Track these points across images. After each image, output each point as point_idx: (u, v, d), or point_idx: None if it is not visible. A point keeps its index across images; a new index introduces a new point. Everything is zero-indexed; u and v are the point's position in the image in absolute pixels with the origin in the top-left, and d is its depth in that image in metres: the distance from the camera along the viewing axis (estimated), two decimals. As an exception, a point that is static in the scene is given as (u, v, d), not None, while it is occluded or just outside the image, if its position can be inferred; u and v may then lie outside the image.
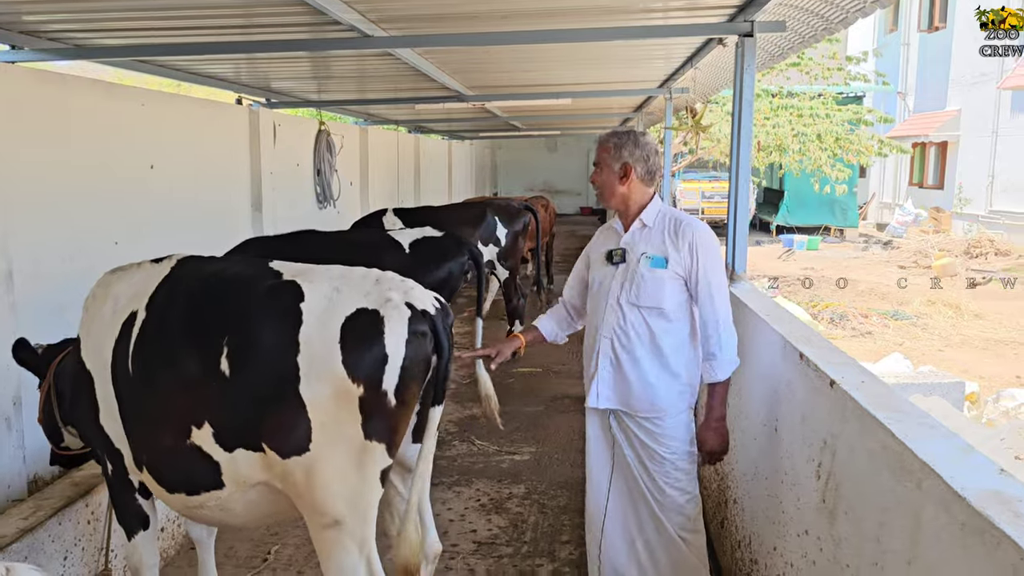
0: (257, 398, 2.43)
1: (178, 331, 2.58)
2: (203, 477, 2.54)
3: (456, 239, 5.48)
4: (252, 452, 2.46)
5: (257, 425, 2.43)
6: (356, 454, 2.40)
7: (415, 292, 2.57)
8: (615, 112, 12.00)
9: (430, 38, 4.58)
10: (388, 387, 2.40)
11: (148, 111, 5.51)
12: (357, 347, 2.40)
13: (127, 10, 4.11)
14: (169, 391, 2.56)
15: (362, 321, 2.43)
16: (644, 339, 3.08)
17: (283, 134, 7.58)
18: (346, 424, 2.38)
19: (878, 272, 15.85)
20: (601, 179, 3.18)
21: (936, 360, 8.72)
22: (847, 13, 3.77)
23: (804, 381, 2.73)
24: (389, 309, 2.46)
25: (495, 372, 7.25)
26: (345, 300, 2.48)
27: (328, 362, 2.38)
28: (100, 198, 5.00)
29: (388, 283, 2.57)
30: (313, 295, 2.49)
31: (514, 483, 4.95)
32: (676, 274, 3.03)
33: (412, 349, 2.44)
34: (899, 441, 1.95)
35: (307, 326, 2.42)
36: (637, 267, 3.09)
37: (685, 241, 3.01)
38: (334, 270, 2.65)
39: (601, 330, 3.18)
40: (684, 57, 6.21)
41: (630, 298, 3.09)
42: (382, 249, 5.14)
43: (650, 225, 3.11)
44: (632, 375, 3.11)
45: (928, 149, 23.22)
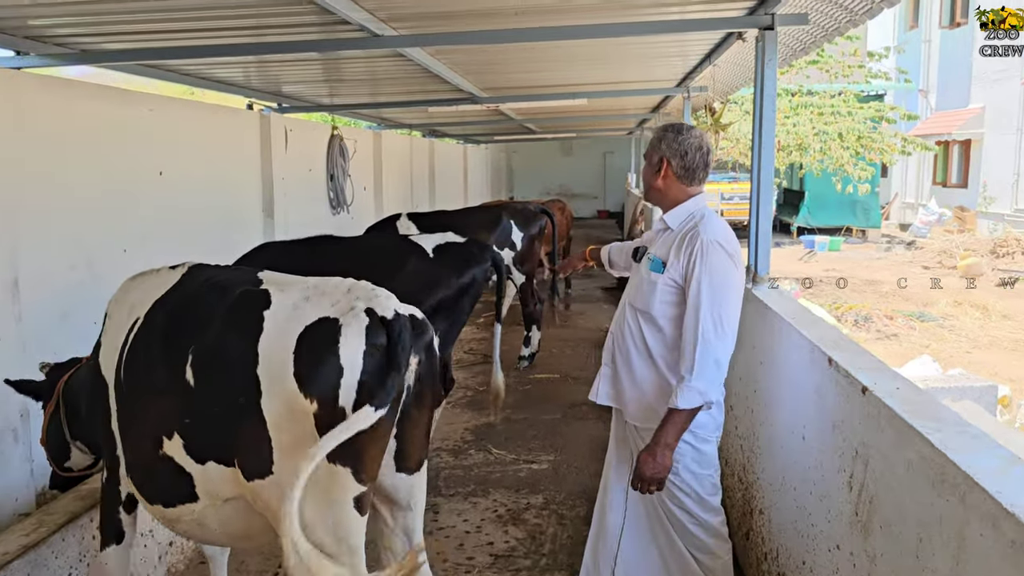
0: (222, 410, 2.29)
1: (159, 339, 2.49)
2: (177, 489, 2.42)
3: (480, 244, 5.37)
4: (224, 466, 2.32)
5: (228, 438, 2.29)
6: (322, 480, 2.19)
7: (385, 301, 2.36)
8: (632, 113, 11.87)
9: (440, 36, 4.47)
10: (345, 404, 2.19)
11: (157, 117, 5.45)
12: (310, 359, 2.21)
13: (133, 12, 4.03)
14: (146, 399, 2.47)
15: (319, 331, 2.24)
16: (638, 343, 2.96)
17: (295, 139, 7.52)
18: (306, 445, 2.18)
19: (902, 273, 15.58)
20: (643, 173, 3.09)
21: (964, 362, 8.50)
22: (872, 4, 3.62)
23: (834, 387, 2.59)
24: (349, 318, 2.26)
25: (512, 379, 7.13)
26: (311, 309, 2.31)
27: (282, 375, 2.22)
28: (108, 205, 4.93)
29: (359, 291, 2.38)
30: (279, 303, 2.33)
31: (532, 493, 4.82)
32: (672, 281, 2.83)
33: (372, 362, 2.23)
34: (939, 452, 1.81)
35: (267, 336, 2.26)
36: (641, 268, 2.99)
37: (688, 249, 2.79)
38: (314, 280, 2.48)
39: (612, 325, 3.13)
40: (702, 54, 6.08)
41: (631, 298, 3.00)
42: (405, 254, 5.03)
43: (673, 228, 2.94)
44: (626, 377, 3.00)
45: (951, 147, 22.88)
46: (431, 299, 4.92)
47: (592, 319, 9.89)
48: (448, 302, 4.97)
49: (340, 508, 2.23)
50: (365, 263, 5.00)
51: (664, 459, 2.75)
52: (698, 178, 2.97)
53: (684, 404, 2.69)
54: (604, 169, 27.89)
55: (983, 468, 1.68)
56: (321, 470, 2.18)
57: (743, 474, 3.93)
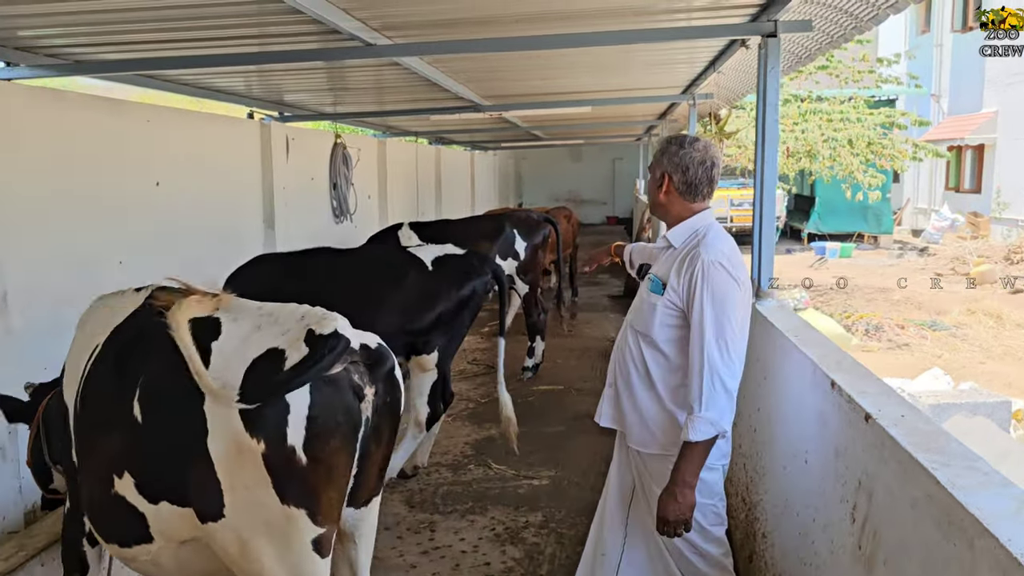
0: (170, 449, 2.15)
1: (111, 369, 2.37)
2: (131, 529, 2.30)
3: (479, 257, 5.29)
4: (178, 507, 2.19)
5: (179, 478, 2.15)
6: (277, 522, 2.08)
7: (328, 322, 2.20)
8: (639, 120, 11.76)
9: (435, 45, 4.39)
10: (295, 442, 2.06)
11: (153, 127, 5.38)
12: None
13: (126, 23, 3.97)
14: (99, 433, 2.35)
15: (265, 365, 2.10)
16: (639, 366, 2.83)
17: (297, 148, 7.44)
18: (256, 487, 2.06)
19: (914, 280, 15.38)
20: (648, 188, 2.98)
21: (977, 373, 8.34)
22: (878, 10, 3.52)
23: (836, 412, 2.48)
24: (293, 349, 2.10)
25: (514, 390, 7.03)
26: (261, 339, 2.17)
27: (227, 413, 2.07)
28: (102, 217, 4.86)
29: (311, 318, 2.23)
30: (229, 334, 2.19)
31: (531, 511, 4.71)
32: (672, 304, 2.69)
33: (323, 396, 2.09)
34: (945, 491, 1.70)
35: (214, 369, 2.11)
36: (642, 287, 2.88)
37: (689, 272, 2.64)
38: (270, 306, 2.35)
39: (615, 345, 3.01)
40: (707, 61, 5.97)
41: (632, 319, 2.88)
42: (404, 267, 4.94)
43: (676, 246, 2.80)
44: (627, 400, 2.88)
45: (964, 152, 22.63)
46: (430, 312, 4.84)
47: (598, 328, 9.77)
48: (447, 315, 4.89)
49: (299, 553, 2.12)
50: (364, 277, 4.92)
51: (686, 498, 2.59)
52: (702, 194, 2.82)
53: (697, 437, 2.54)
54: (613, 175, 27.76)
55: (994, 511, 1.56)
56: (274, 512, 2.07)
57: (746, 494, 3.81)
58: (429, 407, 4.98)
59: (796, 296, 11.11)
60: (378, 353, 2.31)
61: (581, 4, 3.98)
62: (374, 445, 2.30)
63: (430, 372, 4.89)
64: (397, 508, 4.78)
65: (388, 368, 2.32)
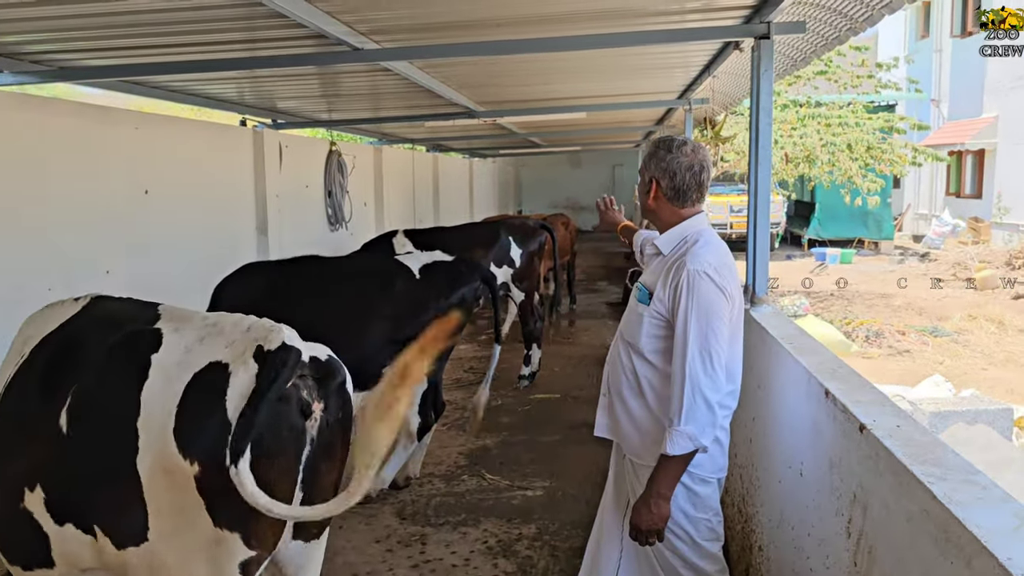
0: (93, 466, 2.01)
1: (37, 377, 2.24)
2: (33, 549, 2.14)
3: (468, 263, 5.22)
4: (82, 532, 2.05)
5: (95, 499, 2.01)
6: (206, 546, 1.95)
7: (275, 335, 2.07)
8: (636, 125, 11.70)
9: (423, 49, 4.32)
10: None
11: (142, 135, 5.33)
12: (193, 412, 1.95)
13: (110, 28, 3.91)
14: (15, 442, 2.21)
15: (206, 380, 1.97)
16: (629, 376, 2.76)
17: (290, 155, 7.39)
18: (188, 510, 1.93)
19: (915, 285, 15.30)
20: (637, 192, 2.92)
21: (979, 380, 8.24)
22: (872, 10, 3.44)
23: (831, 423, 2.40)
24: (239, 364, 1.97)
25: (511, 399, 6.95)
26: (204, 352, 2.04)
27: (162, 432, 1.94)
28: (90, 225, 4.80)
29: (258, 330, 2.09)
30: (170, 346, 2.07)
31: (524, 523, 4.62)
32: (658, 314, 2.62)
33: (267, 414, 1.96)
34: (942, 506, 1.62)
35: (152, 383, 1.99)
36: (632, 295, 2.81)
37: (674, 281, 2.56)
38: (215, 315, 2.24)
39: (609, 354, 2.95)
40: (701, 65, 5.91)
41: (622, 329, 2.82)
42: (391, 275, 4.87)
43: (664, 253, 2.72)
44: (621, 411, 2.81)
45: (964, 157, 22.57)
46: (419, 321, 4.76)
47: (596, 335, 9.69)
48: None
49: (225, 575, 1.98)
50: (351, 286, 4.85)
51: (660, 509, 2.53)
52: (691, 199, 2.73)
53: (675, 451, 2.46)
54: (613, 181, 27.70)
55: (992, 528, 1.48)
56: (205, 536, 1.94)
57: (743, 505, 3.73)
58: (420, 417, 4.90)
59: (796, 303, 11.02)
60: (328, 366, 2.20)
61: (569, 7, 3.92)
62: (324, 465, 2.15)
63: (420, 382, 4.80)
64: (388, 520, 4.70)
65: (339, 382, 2.21)
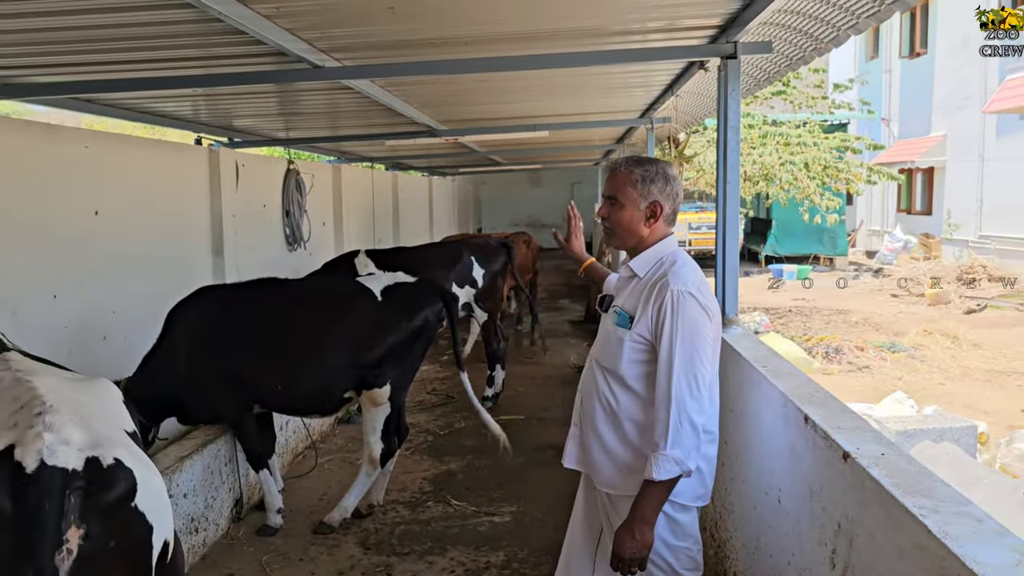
0: None
1: None
2: None
3: (431, 284, 5.12)
4: None
5: None
6: None
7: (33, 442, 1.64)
8: (596, 144, 11.73)
9: (384, 67, 4.24)
10: None
11: (92, 153, 5.13)
12: None
13: (59, 43, 3.75)
14: None
15: None
16: (606, 405, 2.66)
17: (247, 175, 7.22)
18: None
19: (871, 301, 15.54)
20: (619, 217, 2.65)
21: (938, 395, 8.34)
22: (838, 31, 3.45)
23: (811, 449, 2.34)
24: None
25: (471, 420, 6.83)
26: None
27: None
28: (35, 248, 4.59)
29: (31, 411, 1.72)
30: None
31: (492, 550, 4.51)
32: (640, 337, 2.54)
33: None
34: (937, 541, 1.56)
35: None
36: (606, 320, 2.72)
37: (655, 304, 2.50)
38: (12, 378, 1.91)
39: (580, 383, 2.85)
40: (664, 84, 5.91)
41: (597, 355, 2.72)
42: (352, 298, 4.76)
43: (640, 276, 2.65)
44: (594, 441, 2.71)
45: (915, 175, 23.09)
46: (381, 345, 4.66)
47: (559, 355, 9.62)
48: (399, 347, 4.70)
49: None
50: (310, 309, 4.72)
51: (644, 536, 2.45)
52: (674, 219, 2.74)
53: (661, 476, 2.38)
54: (572, 199, 27.82)
55: (992, 564, 1.43)
56: None
57: (715, 531, 3.67)
58: (383, 443, 4.78)
59: (756, 319, 11.09)
60: (105, 476, 1.73)
61: (533, 26, 3.86)
62: None
63: (383, 406, 4.69)
64: (352, 550, 4.56)
65: (114, 498, 1.74)
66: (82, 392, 2.04)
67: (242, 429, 4.71)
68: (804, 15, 3.50)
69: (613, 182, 2.68)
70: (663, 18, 3.89)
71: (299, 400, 4.68)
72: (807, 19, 3.54)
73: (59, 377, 2.12)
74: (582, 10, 3.69)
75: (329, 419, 6.84)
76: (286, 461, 5.83)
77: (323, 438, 6.55)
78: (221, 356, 4.54)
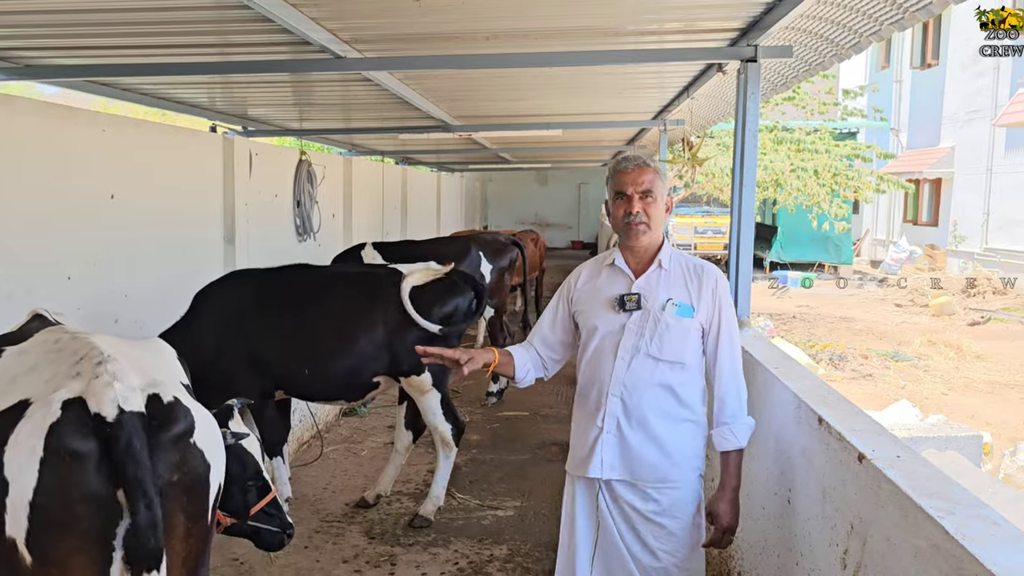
0: None
1: None
2: None
3: (462, 273, 5.13)
4: None
5: None
6: None
7: (103, 390, 1.69)
8: (607, 144, 11.74)
9: (406, 60, 4.26)
10: (15, 534, 1.61)
11: (109, 137, 5.15)
12: None
13: (81, 26, 3.78)
14: None
15: (2, 424, 1.66)
16: (661, 398, 2.67)
17: (260, 164, 7.23)
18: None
19: (875, 310, 15.55)
20: (656, 211, 2.70)
21: (941, 404, 8.36)
22: (860, 37, 3.47)
23: (824, 451, 2.36)
24: (37, 407, 1.65)
25: (480, 416, 6.85)
26: (24, 384, 1.75)
27: None
28: (50, 230, 4.61)
29: (85, 364, 1.76)
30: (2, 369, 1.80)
31: (496, 543, 4.54)
32: (700, 324, 2.70)
33: (53, 477, 1.62)
34: (955, 542, 1.58)
35: None
36: (661, 315, 2.67)
37: (708, 287, 2.69)
38: (68, 338, 1.96)
39: (609, 387, 2.72)
40: (680, 87, 5.92)
41: (651, 350, 2.67)
42: (384, 282, 4.75)
43: (667, 268, 2.73)
44: (643, 440, 2.68)
45: (922, 186, 23.07)
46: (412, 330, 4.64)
47: (564, 354, 9.63)
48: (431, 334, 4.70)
49: None
50: (344, 294, 4.72)
51: (737, 501, 2.68)
52: None
53: (744, 441, 2.68)
54: (579, 199, 27.83)
55: (1012, 567, 1.45)
56: None
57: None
58: (450, 423, 4.80)
59: (761, 324, 11.11)
60: (166, 412, 1.80)
61: (552, 23, 3.88)
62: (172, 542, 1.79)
63: (430, 392, 4.70)
64: (356, 540, 4.58)
65: (176, 433, 1.81)
66: (138, 348, 2.12)
67: (263, 415, 4.71)
68: (826, 20, 3.52)
69: (644, 175, 2.68)
70: (681, 20, 3.90)
71: (326, 384, 4.66)
72: (829, 24, 3.56)
73: (115, 336, 2.19)
74: (602, 9, 3.70)
75: (335, 409, 6.87)
76: (292, 449, 5.85)
77: (328, 428, 6.57)
78: (250, 340, 4.55)
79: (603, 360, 2.75)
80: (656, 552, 2.71)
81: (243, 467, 2.94)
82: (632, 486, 2.73)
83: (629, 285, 2.76)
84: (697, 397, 2.74)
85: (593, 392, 2.79)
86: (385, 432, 6.59)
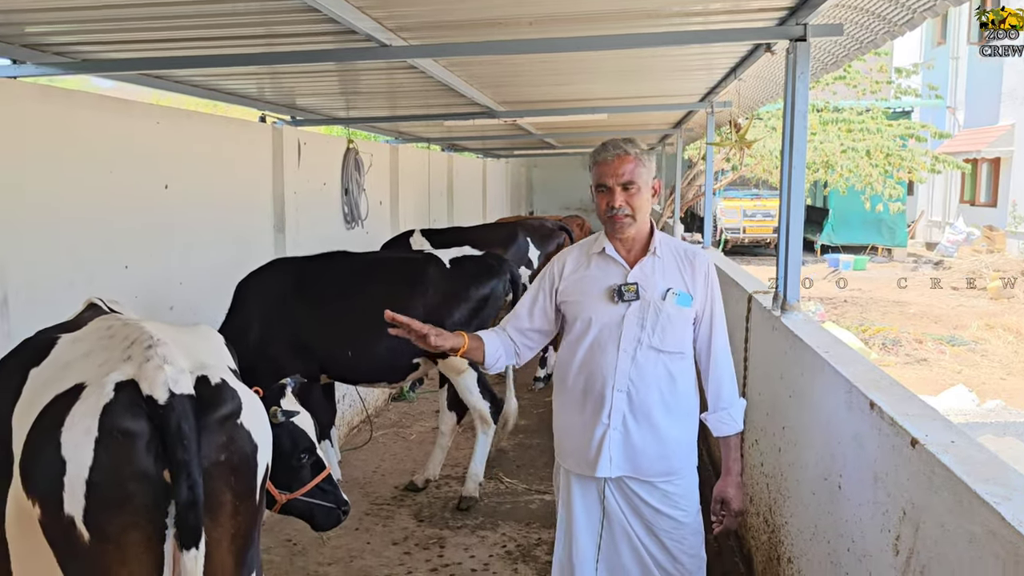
0: None
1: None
2: None
3: (497, 257, 5.22)
4: None
5: None
6: None
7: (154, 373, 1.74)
8: (653, 128, 11.62)
9: (450, 47, 4.27)
10: (73, 511, 1.64)
11: (163, 129, 5.28)
12: (35, 445, 1.68)
13: (135, 20, 3.86)
14: None
15: (57, 406, 1.70)
16: (664, 390, 2.66)
17: (308, 153, 7.33)
18: (40, 561, 1.69)
19: (930, 293, 15.19)
20: (640, 202, 2.66)
21: (999, 390, 8.15)
22: (914, 14, 3.37)
23: (876, 436, 2.33)
24: (91, 390, 1.69)
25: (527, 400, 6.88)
26: (79, 368, 1.78)
27: (12, 461, 1.72)
28: (108, 220, 4.75)
29: (136, 348, 1.80)
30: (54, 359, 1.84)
31: (543, 527, 4.57)
32: (694, 312, 2.72)
33: (108, 456, 1.66)
34: (1012, 528, 1.55)
35: (21, 405, 1.76)
36: (662, 305, 2.63)
37: (701, 273, 2.72)
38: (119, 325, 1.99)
39: (612, 381, 2.65)
40: (727, 68, 5.83)
41: (652, 342, 2.64)
42: (422, 267, 4.87)
43: (660, 255, 2.71)
44: (649, 434, 2.66)
45: (980, 165, 22.42)
46: (450, 312, 4.76)
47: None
48: (467, 315, 4.80)
49: None
50: (382, 278, 4.84)
51: (743, 485, 2.83)
52: None
53: (742, 424, 2.79)
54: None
55: (1068, 553, 1.42)
56: None
57: (769, 516, 3.66)
58: (487, 401, 4.89)
59: (812, 308, 10.93)
60: (214, 393, 1.84)
61: (595, 6, 3.85)
62: (207, 521, 1.78)
63: (465, 372, 4.79)
64: (406, 522, 4.65)
65: (223, 415, 1.84)
66: (186, 333, 2.18)
67: (310, 398, 4.82)
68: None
69: (625, 165, 2.63)
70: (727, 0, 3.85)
71: (369, 366, 4.77)
72: (881, 0, 3.47)
73: (165, 323, 2.25)
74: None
75: (385, 394, 6.97)
76: (342, 433, 5.96)
77: (378, 412, 6.67)
78: (293, 325, 4.67)
79: (603, 353, 2.68)
80: (665, 542, 2.73)
81: (295, 443, 3.00)
82: (638, 480, 2.72)
83: (624, 274, 2.70)
84: (691, 385, 2.77)
85: (593, 386, 2.71)
86: (433, 417, 6.66)
